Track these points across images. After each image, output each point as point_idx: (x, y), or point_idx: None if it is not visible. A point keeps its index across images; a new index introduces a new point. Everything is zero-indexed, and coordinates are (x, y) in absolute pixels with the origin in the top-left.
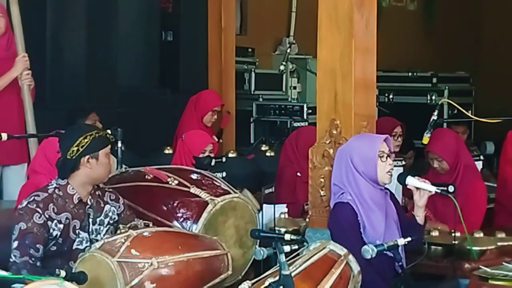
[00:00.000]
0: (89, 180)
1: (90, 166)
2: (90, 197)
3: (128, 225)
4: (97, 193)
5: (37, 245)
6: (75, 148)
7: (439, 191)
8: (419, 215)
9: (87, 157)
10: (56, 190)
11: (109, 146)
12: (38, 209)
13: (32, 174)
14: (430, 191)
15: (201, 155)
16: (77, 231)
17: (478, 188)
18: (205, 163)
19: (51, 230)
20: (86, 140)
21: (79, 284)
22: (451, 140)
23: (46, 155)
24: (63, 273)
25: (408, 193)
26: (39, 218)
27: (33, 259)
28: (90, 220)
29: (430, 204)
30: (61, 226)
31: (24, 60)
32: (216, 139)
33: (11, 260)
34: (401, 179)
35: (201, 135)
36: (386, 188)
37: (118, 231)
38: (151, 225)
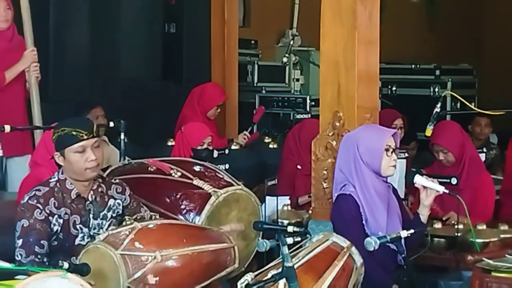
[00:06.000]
0: (71, 176)
1: (62, 163)
2: (91, 192)
3: (134, 217)
4: (99, 189)
5: (42, 242)
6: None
7: (447, 191)
8: (424, 214)
9: (56, 154)
10: (58, 184)
11: (81, 143)
12: (39, 205)
13: (34, 166)
14: (437, 191)
15: (199, 148)
16: (78, 226)
17: (485, 180)
18: (203, 155)
19: (52, 225)
20: (54, 138)
21: (82, 276)
22: (456, 132)
23: (47, 147)
24: (66, 265)
25: (412, 187)
26: (40, 214)
27: (39, 256)
28: (91, 215)
29: (437, 198)
30: (61, 221)
31: (33, 54)
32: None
33: (16, 258)
34: (410, 177)
35: (200, 127)
36: (387, 182)
37: (124, 223)
38: (157, 217)
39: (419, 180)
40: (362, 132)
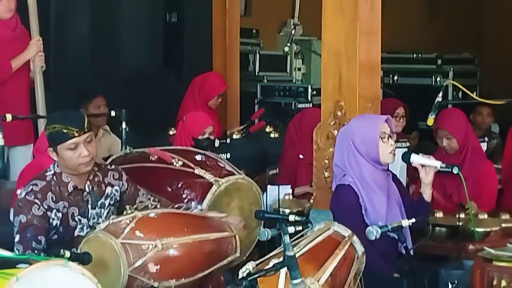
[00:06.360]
0: (65, 170)
1: (55, 158)
2: (88, 183)
3: (135, 206)
4: (96, 178)
5: (39, 237)
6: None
7: (444, 165)
8: (426, 192)
9: (50, 150)
10: (54, 178)
11: (72, 140)
12: (37, 200)
13: (37, 154)
14: (435, 167)
15: (200, 137)
16: (76, 218)
17: (488, 171)
18: (204, 145)
19: (51, 220)
20: (46, 134)
21: (83, 265)
22: (461, 119)
23: None
24: (67, 254)
25: (412, 176)
26: (38, 209)
27: (36, 252)
28: (89, 205)
29: (439, 186)
30: (60, 215)
31: (39, 43)
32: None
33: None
34: (406, 157)
35: (201, 117)
36: (388, 170)
37: (125, 212)
38: (157, 200)
39: (416, 159)
40: (354, 123)
